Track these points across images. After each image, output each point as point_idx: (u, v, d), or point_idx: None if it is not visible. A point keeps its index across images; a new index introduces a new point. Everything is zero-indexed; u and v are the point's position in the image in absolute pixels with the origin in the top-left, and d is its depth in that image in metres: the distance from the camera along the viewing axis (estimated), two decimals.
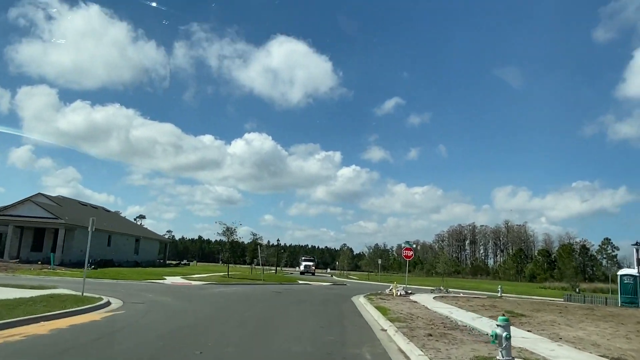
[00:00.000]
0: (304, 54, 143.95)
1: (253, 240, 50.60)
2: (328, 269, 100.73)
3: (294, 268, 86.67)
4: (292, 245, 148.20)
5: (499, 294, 30.52)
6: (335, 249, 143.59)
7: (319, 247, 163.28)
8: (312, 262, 66.10)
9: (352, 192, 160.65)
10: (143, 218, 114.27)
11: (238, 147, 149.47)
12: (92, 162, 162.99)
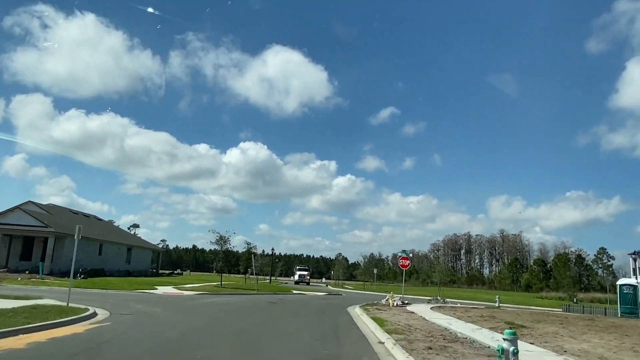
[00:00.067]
0: (300, 64, 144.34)
1: (247, 250, 50.01)
2: (323, 279, 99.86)
3: (289, 277, 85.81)
4: (287, 255, 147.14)
5: (497, 304, 30.12)
6: (330, 259, 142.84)
7: (314, 256, 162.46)
8: (306, 271, 65.16)
9: (347, 201, 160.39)
10: (137, 227, 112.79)
11: (233, 156, 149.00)
12: (86, 170, 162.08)
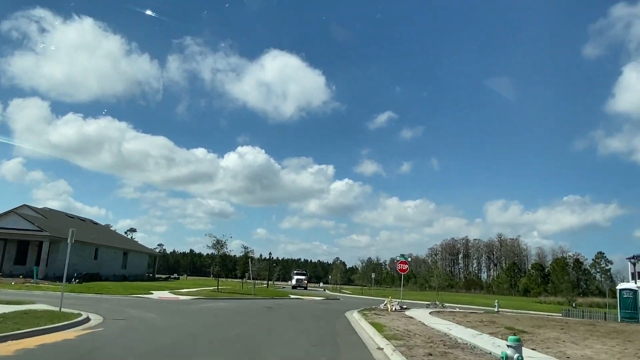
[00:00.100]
0: (297, 68, 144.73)
1: (244, 254, 49.62)
2: (321, 283, 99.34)
3: (286, 282, 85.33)
4: (284, 259, 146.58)
5: (496, 309, 29.91)
6: (328, 263, 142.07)
7: (312, 260, 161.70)
8: (304, 275, 64.55)
9: (344, 205, 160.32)
10: (134, 231, 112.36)
11: (231, 160, 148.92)
12: (83, 175, 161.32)
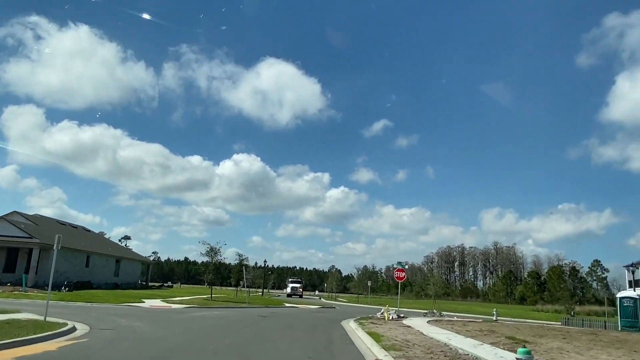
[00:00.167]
0: (293, 76, 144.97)
1: (239, 262, 49.01)
2: (316, 291, 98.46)
3: (282, 290, 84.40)
4: (279, 267, 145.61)
5: (495, 318, 29.47)
6: (324, 271, 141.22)
7: (307, 268, 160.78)
8: (299, 283, 63.77)
9: (340, 213, 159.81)
10: (128, 239, 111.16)
11: (226, 168, 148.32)
12: (78, 182, 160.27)
